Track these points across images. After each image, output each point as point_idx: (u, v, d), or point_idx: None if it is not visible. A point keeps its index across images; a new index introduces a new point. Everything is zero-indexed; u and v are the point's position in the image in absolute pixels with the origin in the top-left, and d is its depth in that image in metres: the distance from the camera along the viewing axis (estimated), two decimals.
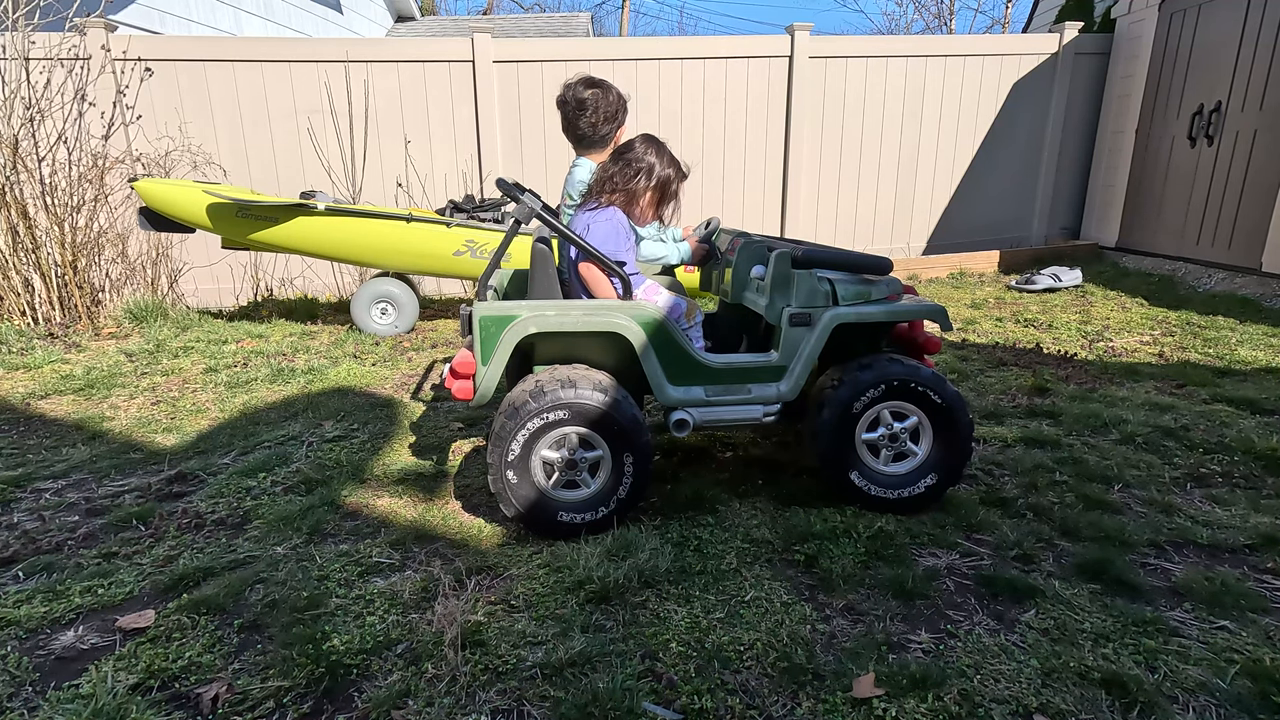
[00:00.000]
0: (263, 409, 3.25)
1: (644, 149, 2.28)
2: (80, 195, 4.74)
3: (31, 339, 4.36)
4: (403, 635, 1.67)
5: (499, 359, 2.07)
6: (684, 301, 2.38)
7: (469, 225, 4.48)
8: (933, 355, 2.63)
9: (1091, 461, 2.55)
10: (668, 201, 2.33)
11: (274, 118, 5.84)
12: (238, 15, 8.38)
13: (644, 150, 2.28)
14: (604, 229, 2.24)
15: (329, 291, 5.96)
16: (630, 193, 2.27)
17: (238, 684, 1.52)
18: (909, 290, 2.37)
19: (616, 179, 2.27)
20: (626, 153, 2.29)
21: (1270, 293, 4.82)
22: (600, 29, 23.34)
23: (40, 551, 2.07)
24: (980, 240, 6.90)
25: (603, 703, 1.43)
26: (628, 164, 2.26)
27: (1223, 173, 5.46)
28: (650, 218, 2.34)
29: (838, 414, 2.14)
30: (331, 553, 2.04)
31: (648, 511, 2.24)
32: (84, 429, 3.04)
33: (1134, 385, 3.40)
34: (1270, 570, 1.90)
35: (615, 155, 2.32)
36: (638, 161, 2.26)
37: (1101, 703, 1.44)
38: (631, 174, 2.26)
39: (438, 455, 2.74)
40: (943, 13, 24.37)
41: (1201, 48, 5.70)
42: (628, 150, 2.30)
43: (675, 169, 2.31)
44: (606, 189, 2.29)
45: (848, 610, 1.76)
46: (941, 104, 6.59)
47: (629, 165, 2.26)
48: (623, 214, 2.29)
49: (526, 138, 6.15)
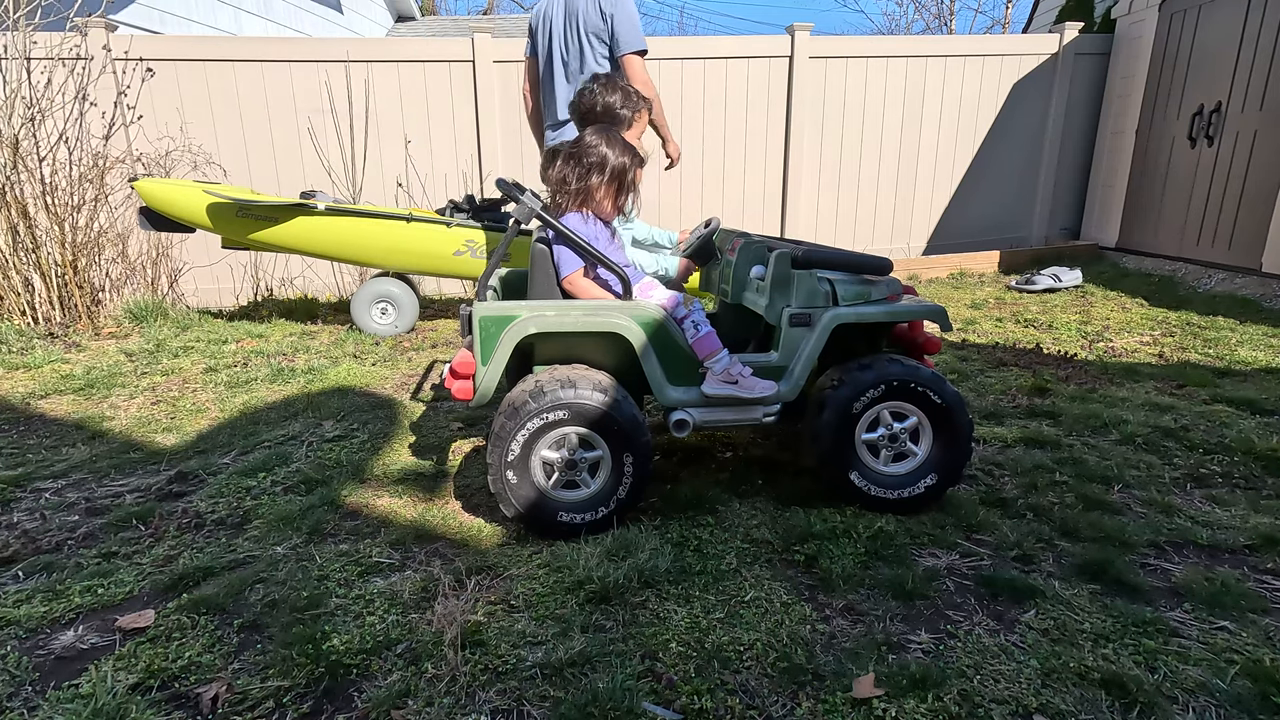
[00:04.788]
0: (263, 409, 3.25)
1: (594, 140, 2.21)
2: (80, 195, 4.74)
3: (31, 339, 4.36)
4: (403, 635, 1.67)
5: (499, 359, 2.07)
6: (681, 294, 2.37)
7: (469, 225, 4.48)
8: (933, 355, 2.63)
9: (1091, 462, 2.55)
10: (625, 192, 2.26)
11: (274, 118, 5.84)
12: (238, 15, 8.38)
13: (595, 142, 2.20)
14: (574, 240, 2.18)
15: (329, 291, 5.96)
16: (586, 190, 2.20)
17: (238, 684, 1.52)
18: (909, 290, 2.37)
19: (570, 178, 2.20)
20: (577, 148, 2.21)
21: (1270, 293, 4.82)
22: None
23: (40, 551, 2.07)
24: (980, 240, 6.90)
25: (603, 703, 1.43)
26: (578, 161, 2.19)
27: (1223, 173, 5.47)
28: (610, 211, 2.27)
29: (838, 414, 2.13)
30: (331, 553, 2.04)
31: (648, 511, 2.24)
32: (84, 429, 3.04)
33: (1134, 385, 3.40)
34: (1270, 570, 1.90)
35: (566, 153, 2.23)
36: (588, 156, 2.19)
37: (1101, 703, 1.44)
38: (584, 170, 2.19)
39: (438, 455, 2.74)
40: (943, 13, 24.38)
41: (1201, 48, 5.70)
42: (577, 145, 2.22)
43: (630, 156, 2.23)
44: (561, 191, 2.21)
45: (848, 610, 1.76)
46: (941, 104, 6.59)
47: (580, 162, 2.19)
48: (582, 217, 2.22)
49: (527, 138, 6.13)
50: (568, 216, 2.22)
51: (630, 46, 2.89)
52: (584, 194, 2.21)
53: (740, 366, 2.18)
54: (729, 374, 2.16)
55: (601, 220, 2.28)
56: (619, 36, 2.89)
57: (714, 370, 2.17)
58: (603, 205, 2.24)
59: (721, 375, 2.16)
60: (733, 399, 2.18)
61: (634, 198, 2.32)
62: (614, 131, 2.28)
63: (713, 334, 2.18)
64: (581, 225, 2.21)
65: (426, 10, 16.34)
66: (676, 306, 2.18)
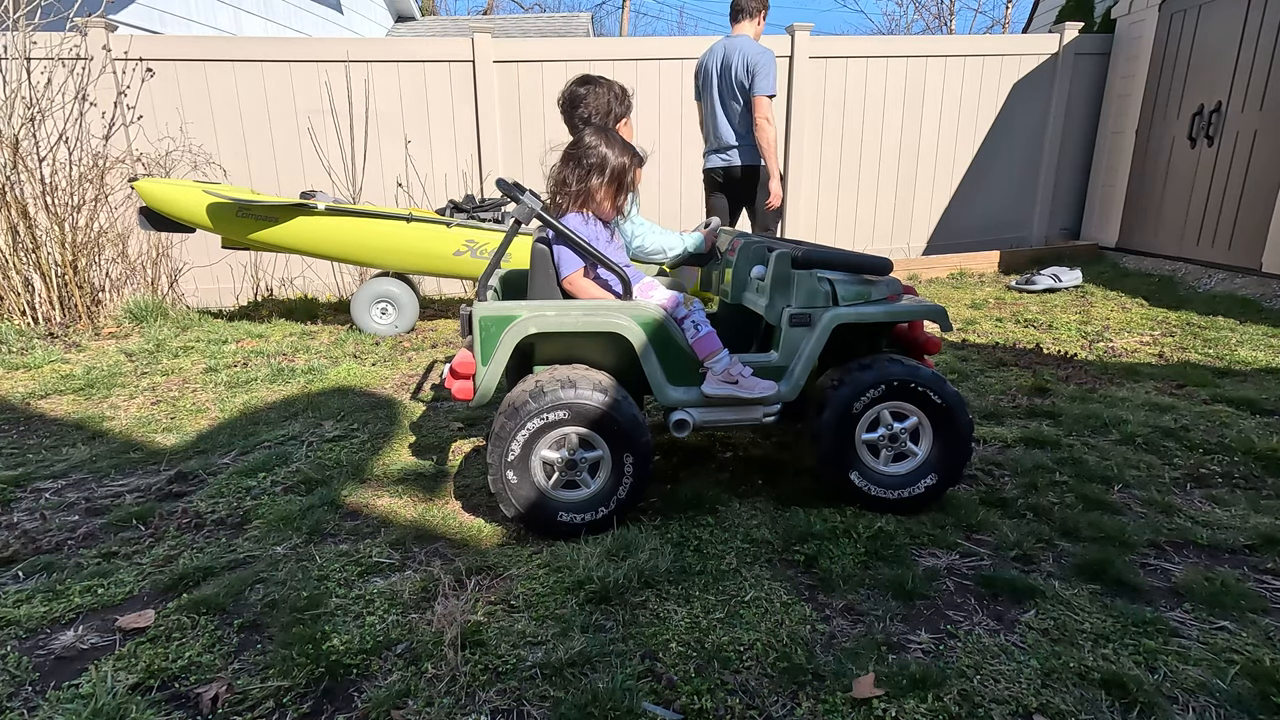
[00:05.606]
0: (263, 409, 3.25)
1: (594, 141, 2.20)
2: (80, 195, 4.74)
3: (31, 339, 4.36)
4: (403, 635, 1.67)
5: (499, 359, 2.07)
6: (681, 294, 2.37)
7: (469, 225, 4.48)
8: (933, 355, 2.63)
9: (1091, 462, 2.55)
10: (624, 191, 2.26)
11: (274, 118, 5.84)
12: (238, 15, 8.38)
13: (594, 143, 2.20)
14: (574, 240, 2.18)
15: (329, 291, 5.96)
16: (586, 191, 2.20)
17: (237, 684, 1.52)
18: (909, 290, 2.37)
19: (569, 179, 2.20)
20: (576, 149, 2.21)
21: (1270, 293, 4.82)
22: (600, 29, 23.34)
23: (40, 551, 2.07)
24: (980, 240, 6.90)
25: (603, 703, 1.43)
26: (578, 162, 2.19)
27: (1223, 173, 5.46)
28: (609, 211, 2.27)
29: (838, 414, 2.13)
30: (331, 553, 2.04)
31: (648, 511, 2.24)
32: (84, 429, 3.04)
33: (1134, 385, 3.40)
34: (1270, 570, 1.90)
35: (565, 154, 2.23)
36: (588, 158, 2.19)
37: (1101, 703, 1.44)
38: (585, 171, 2.19)
39: (438, 455, 2.74)
40: (943, 13, 24.39)
41: (1201, 48, 5.70)
42: (576, 147, 2.22)
43: (630, 155, 2.23)
44: (561, 192, 2.21)
45: (848, 610, 1.76)
46: (941, 104, 6.59)
47: (580, 163, 2.19)
48: (582, 217, 2.22)
49: (526, 138, 6.15)
50: (568, 217, 2.21)
51: (762, 91, 3.87)
52: (584, 195, 2.21)
53: (740, 367, 2.18)
54: (729, 374, 2.16)
55: (601, 220, 2.28)
56: (756, 82, 3.87)
57: (714, 370, 2.17)
58: (603, 205, 2.24)
59: (722, 375, 2.16)
60: (733, 399, 2.18)
61: (632, 197, 2.32)
62: (613, 131, 2.28)
63: (713, 334, 2.18)
64: (582, 226, 2.21)
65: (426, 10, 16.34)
66: (676, 306, 2.18)
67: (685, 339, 2.17)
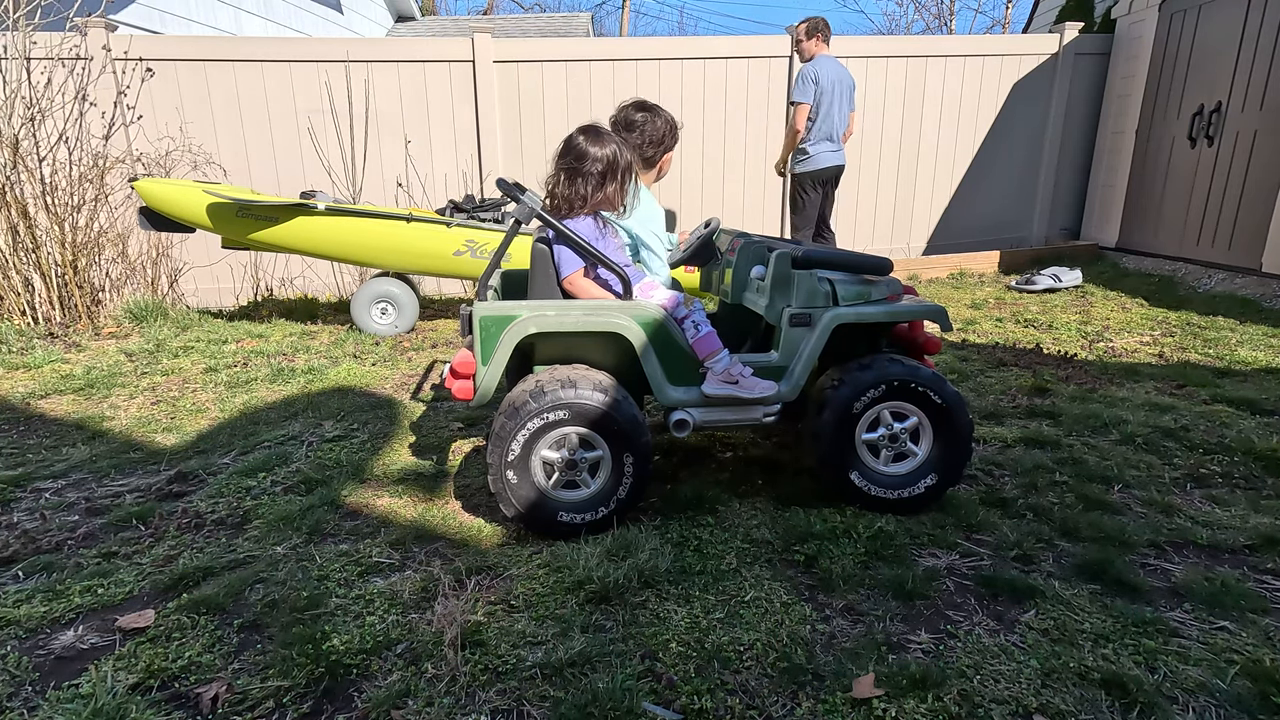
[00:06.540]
0: (263, 409, 3.25)
1: (594, 150, 2.18)
2: (80, 195, 4.74)
3: (31, 339, 4.36)
4: (403, 635, 1.67)
5: (499, 359, 2.07)
6: (681, 294, 2.37)
7: (469, 225, 4.48)
8: (933, 355, 2.63)
9: (1091, 462, 2.55)
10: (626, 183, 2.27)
11: (274, 118, 5.84)
12: (238, 15, 8.38)
13: (596, 153, 2.18)
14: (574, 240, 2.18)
15: (329, 291, 5.96)
16: (604, 198, 2.21)
17: (237, 684, 1.52)
18: (909, 290, 2.37)
19: (584, 191, 2.19)
20: (581, 164, 2.18)
21: (1270, 293, 4.82)
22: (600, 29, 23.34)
23: (40, 551, 2.07)
24: (980, 240, 6.90)
25: (602, 703, 1.43)
26: (587, 177, 2.18)
27: (1223, 173, 5.47)
28: (620, 203, 2.28)
29: (838, 414, 2.13)
30: (331, 553, 2.04)
31: (648, 511, 2.24)
32: (84, 429, 3.04)
33: (1134, 385, 3.40)
34: (1270, 570, 1.90)
35: (568, 169, 2.20)
36: (597, 164, 2.18)
37: (1101, 703, 1.44)
38: (599, 181, 2.19)
39: (438, 455, 2.74)
40: (943, 13, 24.39)
41: (1201, 48, 5.70)
42: (579, 160, 2.18)
43: (622, 146, 2.24)
44: (577, 205, 2.21)
45: (848, 610, 1.76)
46: (941, 104, 6.59)
47: (589, 177, 2.18)
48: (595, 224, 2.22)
49: (526, 138, 6.15)
50: (581, 222, 2.21)
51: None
52: (603, 201, 2.22)
53: (740, 366, 2.18)
54: (729, 374, 2.16)
55: (609, 215, 2.29)
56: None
57: (714, 370, 2.17)
58: (614, 200, 2.26)
59: (722, 375, 2.16)
60: (733, 399, 2.18)
61: (635, 185, 2.34)
62: (601, 130, 2.27)
63: (713, 334, 2.18)
64: (594, 231, 2.21)
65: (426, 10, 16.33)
66: (677, 306, 2.18)
67: (685, 339, 2.17)
